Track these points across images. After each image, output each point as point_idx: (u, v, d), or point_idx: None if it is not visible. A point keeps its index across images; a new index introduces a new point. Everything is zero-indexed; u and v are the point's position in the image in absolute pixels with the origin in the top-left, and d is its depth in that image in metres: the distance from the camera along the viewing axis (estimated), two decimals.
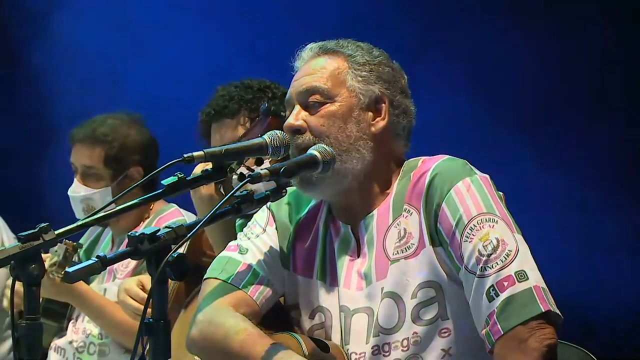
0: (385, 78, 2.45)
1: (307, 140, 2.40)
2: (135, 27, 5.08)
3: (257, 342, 2.28)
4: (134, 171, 3.93)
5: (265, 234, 2.52)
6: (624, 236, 4.06)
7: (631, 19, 4.09)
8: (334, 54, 2.46)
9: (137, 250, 2.06)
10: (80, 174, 3.91)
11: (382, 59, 2.47)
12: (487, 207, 2.29)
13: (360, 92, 2.42)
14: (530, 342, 2.18)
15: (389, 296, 2.34)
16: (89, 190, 3.88)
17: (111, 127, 3.92)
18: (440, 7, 4.38)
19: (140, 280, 3.27)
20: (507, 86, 4.22)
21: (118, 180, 3.90)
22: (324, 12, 4.53)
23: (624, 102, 4.12)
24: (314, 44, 2.52)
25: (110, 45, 5.14)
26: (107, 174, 3.90)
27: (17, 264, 2.02)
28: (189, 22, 5.01)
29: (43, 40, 5.29)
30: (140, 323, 2.04)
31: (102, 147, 3.89)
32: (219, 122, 3.23)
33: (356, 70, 2.43)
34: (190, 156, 2.25)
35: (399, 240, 2.37)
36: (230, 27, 4.85)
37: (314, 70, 2.45)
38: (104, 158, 3.88)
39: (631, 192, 4.06)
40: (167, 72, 4.95)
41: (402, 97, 2.47)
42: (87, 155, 3.89)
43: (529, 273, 2.22)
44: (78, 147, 3.92)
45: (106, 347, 3.81)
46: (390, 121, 2.44)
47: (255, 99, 3.21)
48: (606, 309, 4.07)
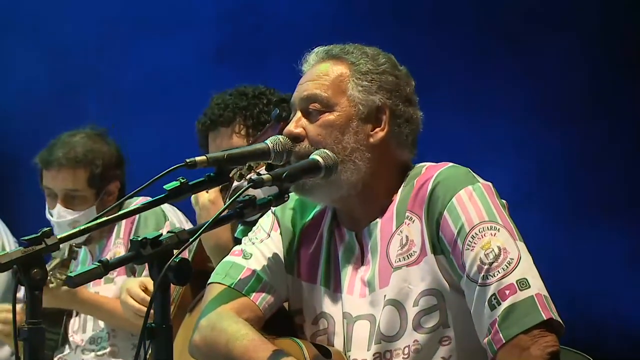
0: (387, 87, 2.42)
1: (305, 148, 2.39)
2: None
3: (259, 348, 2.27)
4: (113, 186, 3.93)
5: (270, 239, 2.51)
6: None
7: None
8: (339, 60, 2.45)
9: (139, 254, 2.06)
10: (62, 198, 3.87)
11: (386, 67, 2.44)
12: (489, 216, 2.28)
13: (360, 102, 2.40)
14: (532, 351, 2.17)
15: (391, 304, 2.34)
16: (76, 213, 3.86)
17: (86, 146, 3.89)
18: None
19: (143, 281, 3.27)
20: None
21: (100, 197, 3.89)
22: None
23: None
24: (320, 48, 2.50)
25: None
26: (90, 195, 3.88)
27: (20, 268, 2.02)
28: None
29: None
30: (143, 327, 2.04)
31: (86, 169, 3.86)
32: (215, 130, 3.24)
33: (358, 79, 2.41)
34: (193, 161, 2.24)
35: (401, 248, 2.36)
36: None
37: (316, 77, 2.44)
38: (88, 179, 3.86)
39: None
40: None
41: (405, 106, 2.43)
42: (70, 179, 3.86)
43: (531, 281, 2.21)
44: (57, 171, 3.87)
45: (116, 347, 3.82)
46: (390, 132, 2.41)
47: (250, 105, 3.22)
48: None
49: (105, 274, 2.06)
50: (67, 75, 5.15)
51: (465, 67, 4.29)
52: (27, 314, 2.03)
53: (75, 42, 5.12)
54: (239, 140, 3.17)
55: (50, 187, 3.90)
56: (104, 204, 3.88)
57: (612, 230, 4.03)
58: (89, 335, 3.87)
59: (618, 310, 4.06)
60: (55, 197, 3.89)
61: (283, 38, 4.53)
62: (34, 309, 2.03)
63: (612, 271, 4.07)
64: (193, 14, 4.95)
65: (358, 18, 4.51)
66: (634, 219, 4.04)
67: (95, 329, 3.86)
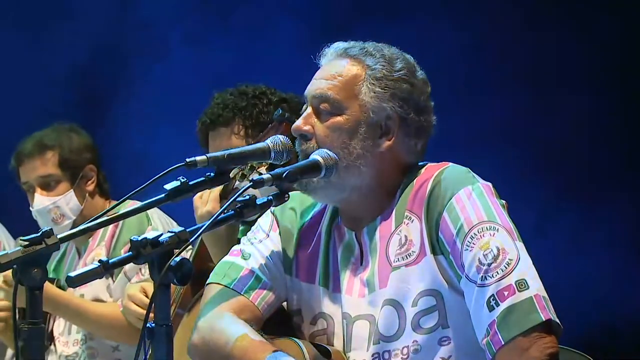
0: (400, 96, 2.38)
1: (312, 148, 2.38)
2: None
3: (259, 349, 2.27)
4: (88, 170, 3.96)
5: (269, 239, 2.51)
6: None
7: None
8: (356, 61, 2.42)
9: (140, 254, 2.06)
10: (39, 186, 3.90)
11: (402, 74, 2.40)
12: (488, 216, 2.28)
13: (371, 109, 2.38)
14: (531, 352, 2.17)
15: (390, 304, 2.34)
16: (54, 198, 3.88)
17: (53, 134, 3.94)
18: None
19: (143, 287, 3.28)
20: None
21: (77, 182, 3.92)
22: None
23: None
24: (340, 44, 2.47)
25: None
26: (65, 178, 3.91)
27: (20, 268, 2.02)
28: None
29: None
30: (143, 328, 2.04)
31: (54, 153, 3.90)
32: (215, 130, 3.23)
33: (371, 84, 2.38)
34: (193, 161, 2.25)
35: (400, 248, 2.36)
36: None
37: (331, 76, 2.41)
38: (58, 162, 3.90)
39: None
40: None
41: (417, 115, 2.40)
42: (41, 165, 3.90)
43: (530, 282, 2.21)
44: (28, 163, 3.91)
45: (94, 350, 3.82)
46: (398, 141, 2.39)
47: (250, 106, 3.21)
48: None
49: (106, 273, 2.06)
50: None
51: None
52: (27, 314, 2.03)
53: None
54: (238, 141, 3.17)
55: (26, 181, 3.94)
56: (82, 189, 3.93)
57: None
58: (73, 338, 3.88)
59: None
60: (34, 191, 3.92)
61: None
62: (34, 309, 2.03)
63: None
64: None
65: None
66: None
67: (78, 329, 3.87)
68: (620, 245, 4.03)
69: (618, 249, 4.04)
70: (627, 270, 4.02)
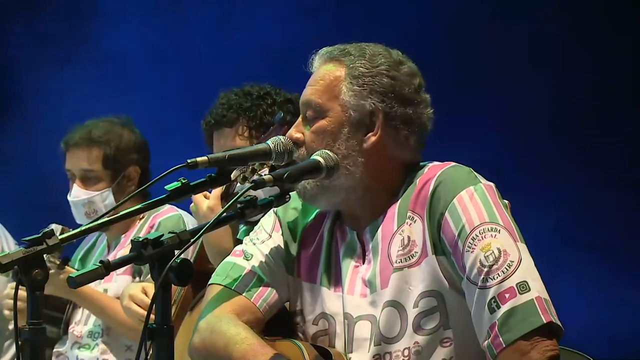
0: (380, 90, 2.38)
1: (302, 155, 2.40)
2: None
3: (258, 352, 2.26)
4: (132, 171, 3.95)
5: (271, 240, 2.51)
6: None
7: None
8: (337, 63, 2.43)
9: (141, 255, 2.06)
10: (79, 178, 3.91)
11: (382, 69, 2.40)
12: (490, 217, 2.27)
13: (351, 108, 2.38)
14: (532, 355, 2.17)
15: (391, 305, 2.33)
16: (90, 193, 3.88)
17: (104, 128, 3.93)
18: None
19: (144, 287, 3.27)
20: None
21: (117, 181, 3.91)
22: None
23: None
24: (324, 49, 2.48)
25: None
26: (106, 176, 3.90)
27: (21, 269, 2.02)
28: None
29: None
30: (144, 328, 2.04)
31: (99, 149, 3.89)
32: (219, 130, 3.24)
33: (350, 83, 2.38)
34: (194, 161, 2.25)
35: (403, 248, 2.35)
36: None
37: (314, 81, 2.44)
38: (102, 159, 3.89)
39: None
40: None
41: (402, 108, 2.39)
42: (85, 158, 3.90)
43: (531, 284, 2.21)
44: (74, 152, 3.92)
45: (108, 346, 3.82)
46: (385, 135, 2.39)
47: (254, 106, 3.21)
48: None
49: (107, 274, 2.06)
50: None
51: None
52: (28, 314, 2.03)
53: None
54: (242, 141, 3.17)
55: (69, 169, 3.95)
56: (122, 189, 3.91)
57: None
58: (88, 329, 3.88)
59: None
60: (74, 180, 3.93)
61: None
62: (35, 309, 2.03)
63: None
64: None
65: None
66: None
67: (96, 322, 3.86)
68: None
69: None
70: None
